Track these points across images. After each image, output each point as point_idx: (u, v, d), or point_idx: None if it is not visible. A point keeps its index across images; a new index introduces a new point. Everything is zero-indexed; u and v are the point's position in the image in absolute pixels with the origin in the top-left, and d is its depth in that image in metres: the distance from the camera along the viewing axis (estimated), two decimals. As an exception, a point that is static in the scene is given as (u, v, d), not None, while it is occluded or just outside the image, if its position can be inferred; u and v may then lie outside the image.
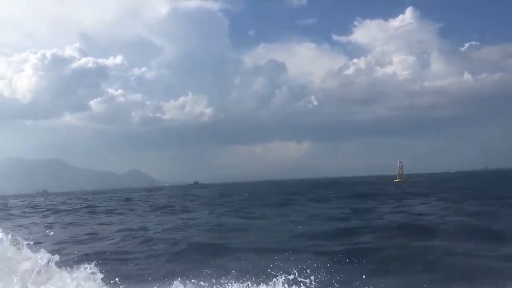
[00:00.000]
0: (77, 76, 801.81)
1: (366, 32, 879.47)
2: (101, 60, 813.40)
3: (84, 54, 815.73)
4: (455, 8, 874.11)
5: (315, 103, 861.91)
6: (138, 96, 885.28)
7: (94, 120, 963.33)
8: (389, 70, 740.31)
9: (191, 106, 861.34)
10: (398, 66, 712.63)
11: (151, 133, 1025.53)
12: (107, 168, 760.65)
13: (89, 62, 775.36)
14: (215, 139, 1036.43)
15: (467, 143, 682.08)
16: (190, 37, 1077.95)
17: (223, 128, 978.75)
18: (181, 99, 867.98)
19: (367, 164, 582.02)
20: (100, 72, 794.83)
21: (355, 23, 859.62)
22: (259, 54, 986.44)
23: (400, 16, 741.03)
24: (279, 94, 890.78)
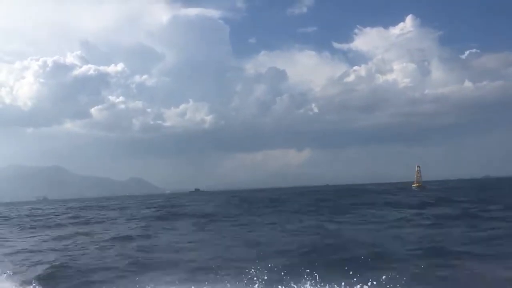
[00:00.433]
0: (78, 84, 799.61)
1: (366, 39, 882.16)
2: (102, 68, 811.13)
3: (85, 61, 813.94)
4: (455, 16, 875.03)
5: (315, 110, 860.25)
6: (139, 103, 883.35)
7: (95, 127, 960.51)
8: (389, 77, 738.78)
9: (192, 113, 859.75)
10: (399, 74, 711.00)
11: (151, 140, 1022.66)
12: (108, 175, 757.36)
13: (90, 69, 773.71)
14: (216, 146, 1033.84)
15: (468, 150, 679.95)
16: (191, 44, 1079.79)
17: (224, 136, 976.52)
18: (182, 106, 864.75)
19: (368, 172, 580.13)
20: (101, 80, 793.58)
21: (356, 31, 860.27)
22: (260, 62, 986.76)
23: (401, 24, 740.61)
24: (279, 102, 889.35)
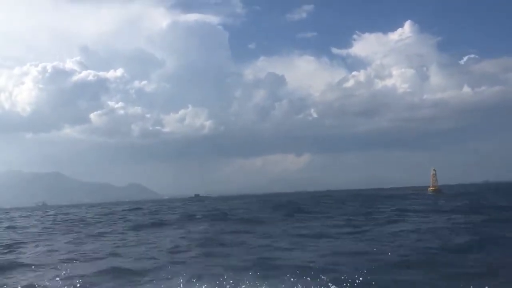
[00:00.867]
0: (77, 89, 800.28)
1: (365, 45, 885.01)
2: (101, 73, 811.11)
3: (84, 67, 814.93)
4: (453, 22, 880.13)
5: (314, 115, 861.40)
6: (138, 109, 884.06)
7: (94, 132, 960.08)
8: (388, 83, 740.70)
9: (191, 118, 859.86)
10: (398, 79, 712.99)
11: (150, 145, 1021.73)
12: (107, 181, 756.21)
13: (89, 75, 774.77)
14: (215, 152, 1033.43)
15: (467, 155, 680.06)
16: (191, 50, 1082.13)
17: (223, 141, 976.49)
18: (181, 111, 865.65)
19: (368, 177, 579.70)
20: (101, 85, 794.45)
21: (354, 36, 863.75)
22: (259, 67, 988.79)
23: (399, 30, 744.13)
24: (278, 107, 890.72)
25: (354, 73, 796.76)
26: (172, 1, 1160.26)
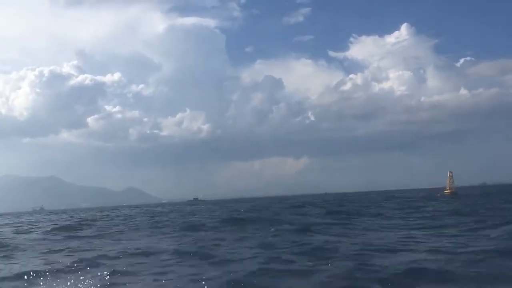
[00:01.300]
0: (74, 93, 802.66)
1: (362, 48, 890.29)
2: (98, 77, 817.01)
3: (81, 71, 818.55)
4: (450, 24, 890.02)
5: (312, 118, 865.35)
6: (135, 113, 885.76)
7: (91, 137, 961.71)
8: (385, 85, 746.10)
9: (188, 122, 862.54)
10: (395, 82, 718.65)
11: (148, 149, 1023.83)
12: (104, 185, 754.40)
13: (86, 79, 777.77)
14: (213, 155, 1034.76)
15: (464, 158, 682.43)
16: (188, 53, 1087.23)
17: (221, 144, 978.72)
18: (178, 115, 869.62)
19: (366, 179, 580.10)
20: (98, 89, 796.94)
21: (351, 39, 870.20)
22: (256, 71, 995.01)
23: (396, 32, 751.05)
24: (276, 110, 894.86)
25: (351, 76, 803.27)
26: (169, 5, 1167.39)
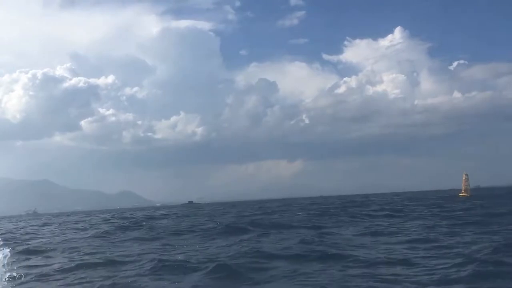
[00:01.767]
0: (68, 96, 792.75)
1: (356, 51, 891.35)
2: (92, 80, 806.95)
3: (75, 73, 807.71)
4: (443, 27, 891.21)
5: (306, 121, 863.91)
6: (129, 116, 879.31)
7: (85, 140, 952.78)
8: (379, 88, 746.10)
9: (183, 125, 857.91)
10: (389, 85, 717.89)
11: (142, 152, 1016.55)
12: (98, 188, 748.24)
13: (80, 81, 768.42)
14: (207, 158, 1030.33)
15: (458, 160, 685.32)
16: (182, 56, 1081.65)
17: (215, 147, 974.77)
18: (172, 118, 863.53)
19: (360, 182, 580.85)
20: (91, 92, 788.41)
21: (345, 42, 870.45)
22: (251, 74, 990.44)
23: (389, 36, 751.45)
24: (270, 113, 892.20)
25: (346, 79, 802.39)
26: (163, 7, 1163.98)
